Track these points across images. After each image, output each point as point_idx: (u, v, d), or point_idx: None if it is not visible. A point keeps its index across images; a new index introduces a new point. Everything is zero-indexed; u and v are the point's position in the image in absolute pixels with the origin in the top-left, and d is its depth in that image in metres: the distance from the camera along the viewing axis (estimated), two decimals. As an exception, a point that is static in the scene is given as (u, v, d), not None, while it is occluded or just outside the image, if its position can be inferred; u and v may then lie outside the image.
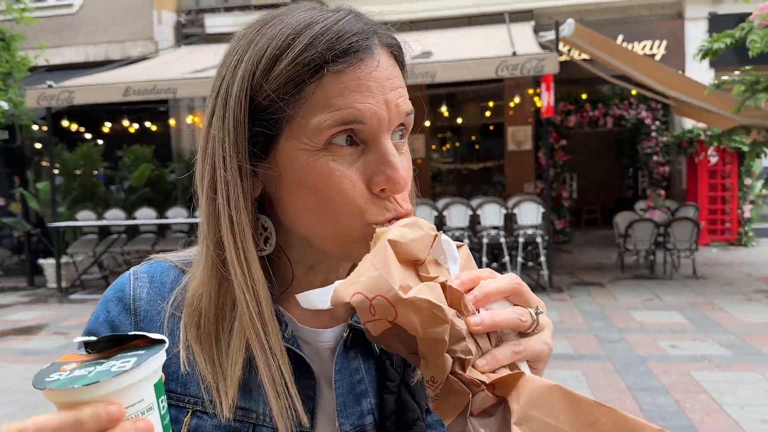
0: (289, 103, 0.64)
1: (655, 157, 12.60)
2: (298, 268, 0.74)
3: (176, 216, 10.48)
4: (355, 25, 0.65)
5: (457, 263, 0.61)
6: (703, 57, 7.54)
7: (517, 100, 12.35)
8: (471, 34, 10.84)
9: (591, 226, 15.57)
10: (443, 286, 0.56)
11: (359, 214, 0.65)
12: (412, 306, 0.53)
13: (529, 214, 8.75)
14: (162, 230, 10.56)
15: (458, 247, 0.62)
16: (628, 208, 11.73)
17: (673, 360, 5.42)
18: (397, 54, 0.70)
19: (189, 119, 12.81)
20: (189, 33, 13.20)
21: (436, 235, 0.59)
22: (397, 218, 0.66)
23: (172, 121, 12.95)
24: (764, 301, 7.48)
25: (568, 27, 8.57)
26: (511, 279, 0.60)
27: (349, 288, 0.55)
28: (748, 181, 12.02)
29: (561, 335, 6.19)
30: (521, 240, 8.57)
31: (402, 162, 0.66)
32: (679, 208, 11.13)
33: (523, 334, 0.59)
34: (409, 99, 0.69)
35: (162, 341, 0.54)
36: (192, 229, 10.02)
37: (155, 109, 12.69)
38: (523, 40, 9.73)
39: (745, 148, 11.31)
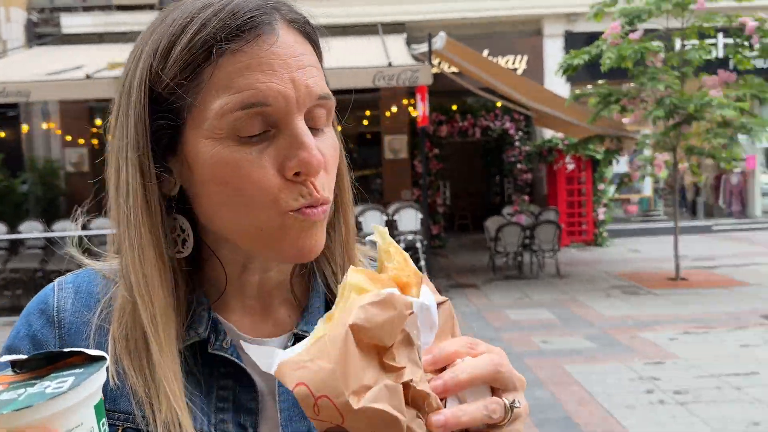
0: (188, 90, 0.60)
1: (519, 165, 13.43)
2: (230, 270, 0.69)
3: (30, 230, 9.62)
4: (252, 1, 0.62)
5: (434, 330, 0.54)
6: (564, 72, 8.15)
7: (393, 109, 12.65)
8: (347, 43, 10.93)
9: (463, 230, 16.26)
10: (406, 386, 0.49)
11: (273, 203, 0.61)
12: (364, 415, 0.47)
13: (409, 220, 8.98)
14: (14, 246, 9.60)
15: (440, 303, 0.55)
16: (496, 213, 12.40)
17: (546, 355, 5.76)
18: (305, 31, 0.65)
19: (44, 125, 11.79)
20: (42, 33, 12.17)
21: (411, 313, 0.51)
22: (314, 205, 0.62)
23: (24, 127, 11.91)
24: (621, 296, 8.18)
25: (440, 40, 8.91)
26: (488, 362, 0.54)
27: (295, 373, 0.48)
28: (601, 186, 13.18)
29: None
30: (402, 246, 8.74)
31: (320, 145, 0.62)
32: (541, 212, 11.94)
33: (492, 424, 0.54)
34: None
35: (101, 358, 0.48)
36: (47, 245, 9.24)
37: (4, 113, 11.60)
38: (397, 51, 9.99)
39: (599, 156, 12.39)
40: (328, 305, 0.73)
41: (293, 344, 0.69)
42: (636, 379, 4.96)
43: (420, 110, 8.77)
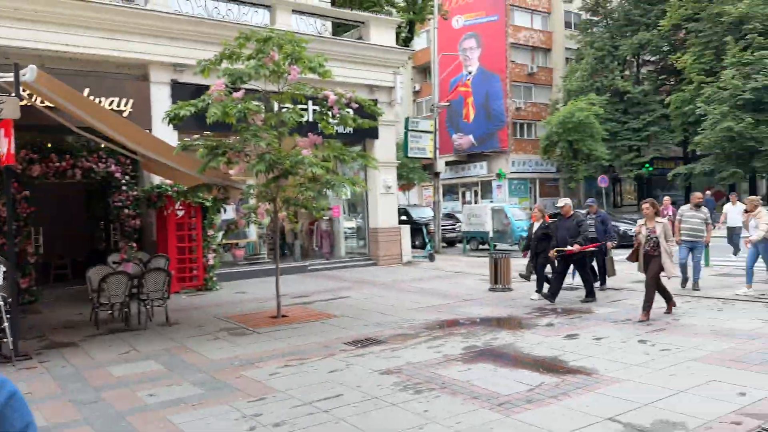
0: None
1: (126, 210, 12.83)
2: None
3: None
4: None
5: None
6: (171, 121, 8.22)
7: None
8: None
9: (61, 281, 14.64)
10: None
11: None
12: None
13: (-12, 274, 7.64)
14: None
15: None
16: (102, 260, 11.57)
17: (151, 408, 5.58)
18: None
19: None
20: None
21: None
22: None
23: None
24: (228, 338, 8.48)
25: (30, 72, 8.01)
26: None
27: None
28: (210, 233, 13.52)
29: (33, 407, 5.57)
30: (-23, 305, 7.38)
31: None
32: (151, 260, 11.62)
33: None
34: None
35: None
36: None
37: None
38: (-25, 77, 8.58)
39: (208, 203, 12.74)
40: None
41: None
42: (240, 419, 5.20)
43: (4, 147, 7.68)
